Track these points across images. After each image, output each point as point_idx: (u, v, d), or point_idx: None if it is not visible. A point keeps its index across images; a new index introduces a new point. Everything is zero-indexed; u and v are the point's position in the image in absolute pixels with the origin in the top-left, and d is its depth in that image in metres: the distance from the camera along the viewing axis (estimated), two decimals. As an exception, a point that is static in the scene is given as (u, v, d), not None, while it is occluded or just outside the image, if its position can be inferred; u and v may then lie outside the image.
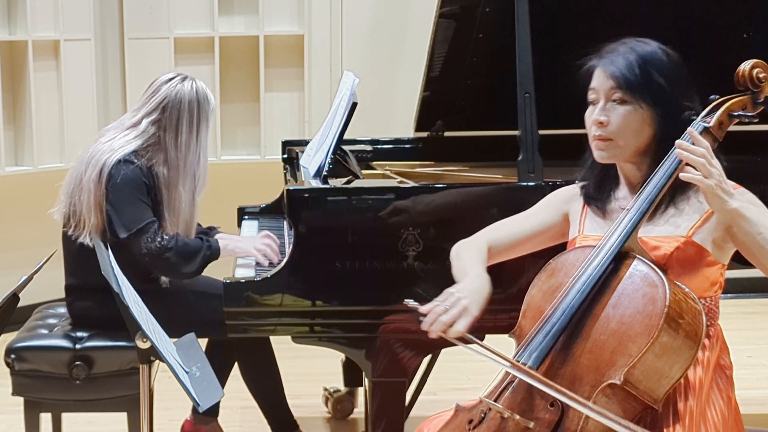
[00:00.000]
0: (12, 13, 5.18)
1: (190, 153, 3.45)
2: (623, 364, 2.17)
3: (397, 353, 3.12)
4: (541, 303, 2.36)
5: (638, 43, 2.42)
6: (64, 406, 3.41)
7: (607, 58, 2.41)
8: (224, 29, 5.55)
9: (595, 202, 2.49)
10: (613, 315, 2.24)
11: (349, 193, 3.18)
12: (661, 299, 2.19)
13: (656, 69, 2.37)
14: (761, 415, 4.10)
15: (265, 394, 3.72)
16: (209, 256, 3.40)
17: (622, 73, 2.36)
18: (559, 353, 2.27)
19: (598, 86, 2.41)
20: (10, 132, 5.25)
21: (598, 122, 2.39)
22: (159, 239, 3.33)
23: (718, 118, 2.36)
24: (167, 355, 2.45)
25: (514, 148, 3.24)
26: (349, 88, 3.50)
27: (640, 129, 2.37)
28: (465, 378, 4.46)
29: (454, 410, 2.41)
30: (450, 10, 3.76)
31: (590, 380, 2.21)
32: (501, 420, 2.26)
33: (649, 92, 2.36)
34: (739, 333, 5.12)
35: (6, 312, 2.62)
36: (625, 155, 2.41)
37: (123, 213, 3.34)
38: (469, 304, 2.31)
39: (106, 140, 3.46)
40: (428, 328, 2.29)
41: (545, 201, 2.65)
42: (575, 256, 2.38)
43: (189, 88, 3.46)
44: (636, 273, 2.26)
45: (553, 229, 2.60)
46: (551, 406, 2.22)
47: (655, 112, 2.36)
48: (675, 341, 2.18)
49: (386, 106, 5.56)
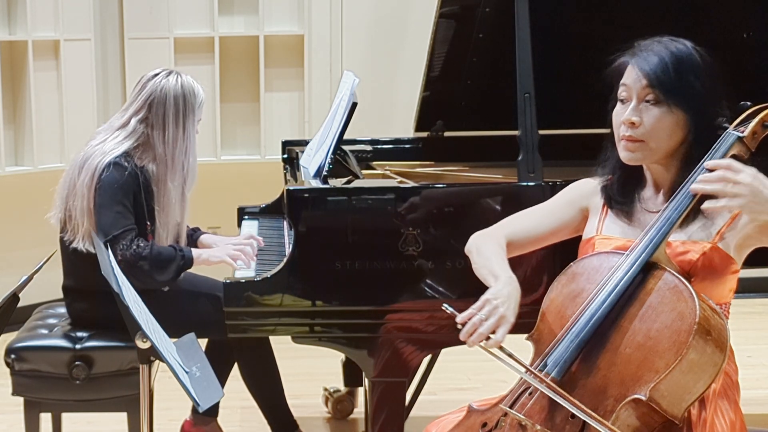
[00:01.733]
0: (12, 13, 5.18)
1: (177, 147, 3.43)
2: (649, 379, 2.12)
3: (396, 353, 3.12)
4: (561, 308, 2.31)
5: (673, 42, 2.35)
6: (64, 406, 3.41)
7: (641, 55, 2.33)
8: (224, 29, 5.54)
9: (619, 205, 2.42)
10: (639, 328, 2.18)
11: (349, 193, 3.18)
12: (690, 315, 2.13)
13: (692, 71, 2.31)
14: (761, 415, 4.10)
15: (265, 394, 3.72)
16: (182, 266, 3.39)
17: (657, 73, 2.29)
18: (582, 364, 2.21)
19: (631, 84, 2.33)
20: (10, 132, 5.24)
21: (630, 122, 2.32)
22: (135, 247, 3.31)
23: (752, 129, 2.28)
24: (167, 355, 2.44)
25: (514, 148, 3.24)
26: (349, 88, 3.50)
27: (672, 132, 2.31)
28: (465, 378, 4.46)
29: (467, 411, 2.36)
30: (450, 10, 3.76)
31: (614, 393, 2.16)
32: (519, 428, 2.22)
33: (683, 95, 2.29)
34: (739, 333, 5.09)
35: (6, 312, 2.61)
36: (654, 157, 2.35)
37: (102, 217, 3.33)
38: (506, 311, 2.24)
39: (97, 143, 3.44)
40: (466, 338, 2.23)
41: (564, 197, 2.58)
42: (599, 261, 2.32)
43: (174, 82, 3.44)
44: (664, 286, 2.20)
45: (571, 225, 2.55)
46: (572, 417, 2.17)
47: (689, 116, 2.30)
48: (702, 358, 2.13)
49: (386, 106, 5.56)
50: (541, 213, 2.59)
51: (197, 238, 3.67)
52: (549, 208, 2.59)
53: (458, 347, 2.37)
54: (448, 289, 3.07)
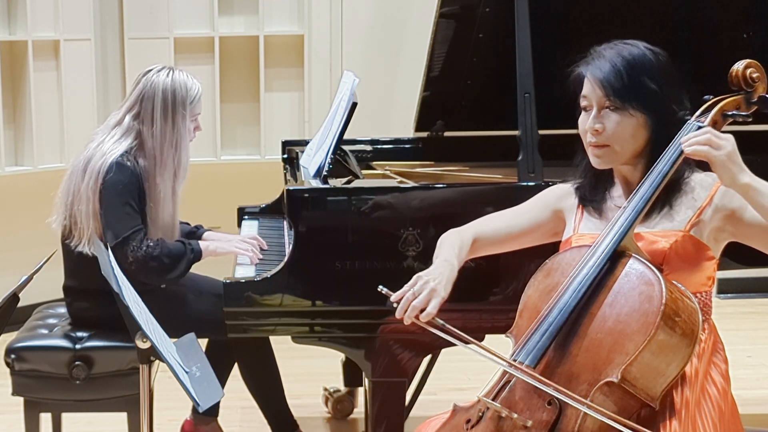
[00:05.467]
0: (12, 13, 5.18)
1: (165, 141, 3.41)
2: (620, 362, 2.18)
3: (397, 353, 3.12)
4: (537, 303, 2.37)
5: (625, 46, 2.40)
6: (64, 406, 3.41)
7: (594, 64, 2.39)
8: (224, 29, 5.55)
9: (591, 203, 2.49)
10: (609, 313, 2.25)
11: (349, 193, 3.18)
12: (657, 297, 2.20)
13: (646, 73, 2.36)
14: (761, 415, 4.10)
15: (265, 394, 3.72)
16: (192, 260, 3.40)
17: (610, 80, 2.35)
18: (555, 352, 2.27)
19: (589, 93, 2.40)
20: (10, 132, 5.25)
21: (594, 130, 2.38)
22: (145, 247, 3.32)
23: (712, 118, 2.35)
24: (167, 355, 2.45)
25: (514, 148, 3.24)
26: (349, 88, 3.50)
27: (635, 134, 2.37)
28: (465, 378, 4.46)
29: (452, 410, 2.41)
30: (450, 10, 3.76)
31: (587, 378, 2.21)
32: (499, 419, 2.27)
33: (640, 97, 2.35)
34: (739, 333, 5.12)
35: (6, 312, 2.62)
36: (622, 160, 2.41)
37: (110, 220, 3.33)
38: (436, 285, 2.34)
39: (96, 144, 3.43)
40: (401, 315, 2.32)
41: (537, 199, 2.65)
42: (571, 255, 2.38)
43: (164, 76, 3.43)
44: (632, 271, 2.27)
45: (544, 227, 2.60)
46: (549, 404, 2.22)
47: (649, 116, 2.36)
48: (672, 339, 2.19)
49: (386, 106, 5.56)
50: (513, 214, 2.65)
51: (200, 235, 3.66)
52: (521, 210, 2.65)
53: (458, 348, 2.38)
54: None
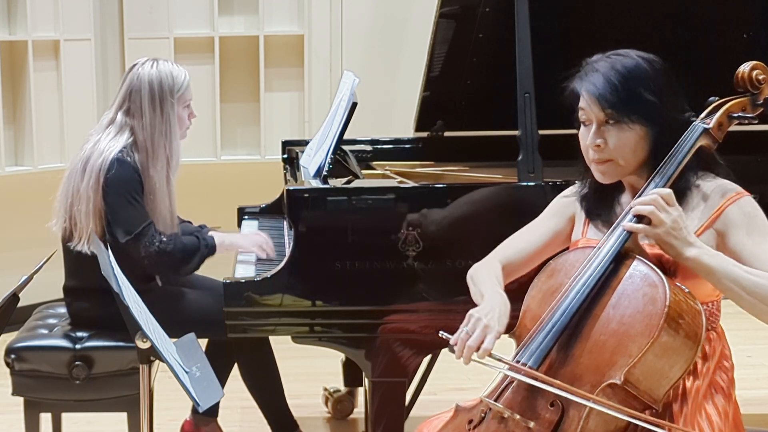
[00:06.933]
0: (12, 13, 5.18)
1: (156, 131, 3.41)
2: (623, 363, 2.17)
3: (397, 353, 3.12)
4: (541, 304, 2.36)
5: (617, 57, 2.36)
6: (64, 406, 3.41)
7: (588, 79, 2.35)
8: (224, 29, 5.55)
9: (598, 217, 2.46)
10: (613, 315, 2.24)
11: (349, 193, 3.18)
12: (661, 299, 2.19)
13: (641, 84, 2.32)
14: (761, 415, 4.10)
15: (265, 394, 3.72)
16: (207, 254, 3.42)
17: (606, 96, 2.31)
18: (559, 354, 2.26)
19: (587, 108, 2.36)
20: (10, 132, 5.25)
21: (595, 146, 2.35)
22: (158, 242, 3.32)
23: (717, 120, 2.35)
24: (167, 355, 2.45)
25: (514, 148, 3.24)
26: (349, 88, 3.50)
27: (637, 146, 2.34)
28: (465, 378, 4.45)
29: (454, 410, 2.40)
30: (450, 10, 3.76)
31: (590, 380, 2.21)
32: (501, 420, 2.26)
33: (638, 110, 2.31)
34: (739, 333, 5.09)
35: (6, 312, 2.62)
36: (627, 172, 2.38)
37: (120, 217, 3.33)
38: (489, 321, 2.29)
39: (92, 144, 3.44)
40: (459, 358, 2.28)
41: (549, 209, 2.62)
42: (575, 256, 2.37)
43: (149, 68, 3.44)
44: (636, 273, 2.26)
45: (563, 233, 2.57)
46: (551, 405, 2.21)
47: (649, 127, 2.32)
48: (675, 341, 2.18)
49: (386, 106, 5.56)
50: (530, 230, 2.62)
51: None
52: (536, 223, 2.62)
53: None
54: (448, 290, 3.07)
